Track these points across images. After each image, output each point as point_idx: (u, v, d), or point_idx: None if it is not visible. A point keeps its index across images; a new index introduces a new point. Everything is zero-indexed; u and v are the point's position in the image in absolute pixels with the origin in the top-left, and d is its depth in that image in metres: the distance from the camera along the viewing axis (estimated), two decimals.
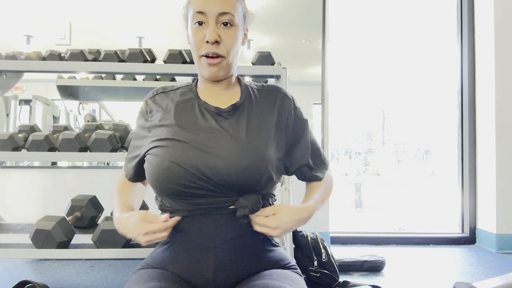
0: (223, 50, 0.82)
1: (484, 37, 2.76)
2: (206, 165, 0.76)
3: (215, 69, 0.84)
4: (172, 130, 0.83)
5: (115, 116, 3.00)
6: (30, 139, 1.60)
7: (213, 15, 0.81)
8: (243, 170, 0.77)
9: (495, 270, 2.15)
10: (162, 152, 0.80)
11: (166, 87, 0.95)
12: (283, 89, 0.94)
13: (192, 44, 0.84)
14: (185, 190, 0.77)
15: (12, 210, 2.33)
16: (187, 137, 0.81)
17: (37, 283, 1.60)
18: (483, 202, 2.74)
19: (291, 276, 0.80)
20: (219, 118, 0.85)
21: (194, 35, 0.83)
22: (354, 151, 4.37)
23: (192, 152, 0.78)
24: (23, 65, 1.73)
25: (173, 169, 0.77)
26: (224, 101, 0.88)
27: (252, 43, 2.95)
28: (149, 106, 0.92)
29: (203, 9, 0.81)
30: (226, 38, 0.82)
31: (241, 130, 0.83)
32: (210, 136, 0.81)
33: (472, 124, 2.85)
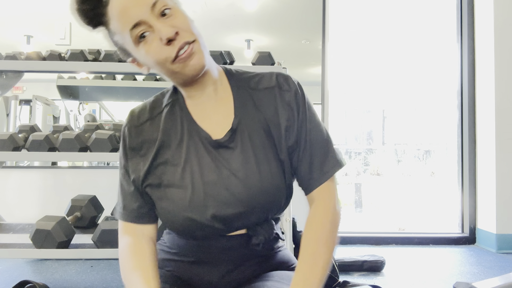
0: (186, 35, 0.66)
1: (484, 37, 2.76)
2: (218, 217, 0.71)
3: (195, 59, 0.67)
4: (171, 171, 0.73)
5: (115, 116, 3.00)
6: (30, 139, 1.60)
7: (147, 14, 0.65)
8: (257, 211, 0.73)
9: (495, 270, 2.15)
10: (168, 204, 0.72)
11: (148, 108, 0.78)
12: (280, 78, 0.77)
13: (155, 62, 0.67)
14: (197, 234, 0.75)
15: (12, 210, 2.33)
16: (192, 181, 0.71)
17: (37, 283, 1.60)
18: (483, 202, 2.74)
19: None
20: (219, 151, 0.73)
21: (150, 52, 0.66)
22: (354, 151, 4.38)
23: (202, 201, 0.71)
24: (23, 65, 1.73)
25: (186, 225, 0.73)
26: (218, 118, 0.75)
27: (252, 43, 2.95)
28: (131, 142, 0.76)
29: (134, 19, 0.64)
30: (178, 22, 0.66)
31: (246, 163, 0.72)
32: (216, 179, 0.71)
33: (472, 124, 2.85)
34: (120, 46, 0.71)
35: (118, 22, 0.66)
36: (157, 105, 0.79)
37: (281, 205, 0.76)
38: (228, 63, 1.88)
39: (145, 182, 0.74)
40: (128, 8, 0.65)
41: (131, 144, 0.76)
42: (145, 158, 0.75)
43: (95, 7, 0.67)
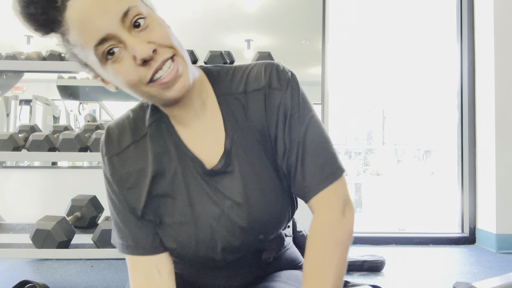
0: (165, 51, 0.55)
1: (484, 37, 2.76)
2: (229, 249, 0.67)
3: (180, 82, 0.56)
4: (170, 205, 0.66)
5: (115, 116, 3.00)
6: (30, 139, 1.60)
7: (117, 26, 0.53)
8: (267, 234, 0.69)
9: (495, 270, 2.15)
10: (173, 242, 0.67)
11: (129, 128, 0.67)
12: (272, 73, 0.65)
13: (126, 84, 0.56)
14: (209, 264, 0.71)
15: (12, 210, 2.33)
16: (194, 217, 0.65)
17: (37, 283, 1.60)
18: (483, 202, 2.74)
19: (299, 277, 0.78)
20: (217, 179, 0.65)
21: (121, 72, 0.55)
22: (354, 151, 4.38)
23: (209, 237, 0.66)
24: (23, 65, 1.74)
25: (196, 260, 0.69)
26: (210, 139, 0.66)
27: (252, 43, 2.95)
28: (114, 174, 0.66)
29: (100, 34, 0.52)
30: (155, 35, 0.55)
31: (247, 188, 0.65)
32: (219, 212, 0.65)
33: (472, 124, 2.85)
34: (80, 60, 0.58)
35: (80, 35, 0.53)
36: (139, 124, 0.67)
37: (288, 218, 0.71)
38: (228, 63, 1.88)
39: (144, 217, 0.67)
40: (92, 19, 0.52)
41: (115, 177, 0.65)
42: (136, 191, 0.65)
43: (45, 11, 0.54)
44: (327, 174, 0.64)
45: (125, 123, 0.68)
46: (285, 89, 0.65)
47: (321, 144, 0.66)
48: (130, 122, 0.68)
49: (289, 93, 0.65)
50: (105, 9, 0.52)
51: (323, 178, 0.64)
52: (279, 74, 0.65)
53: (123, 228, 0.67)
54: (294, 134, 0.64)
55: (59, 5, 0.53)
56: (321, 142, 0.66)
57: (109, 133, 0.67)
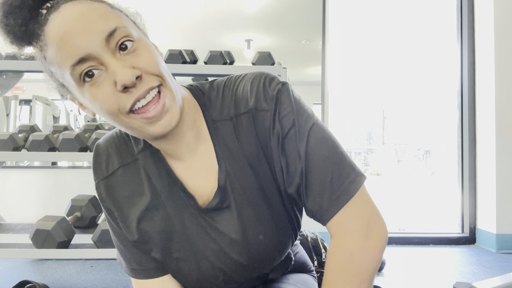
0: (151, 79, 0.50)
1: (484, 37, 2.76)
2: (231, 281, 0.64)
3: (166, 118, 0.51)
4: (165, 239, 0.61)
5: None
6: (30, 139, 1.60)
7: (100, 47, 0.47)
8: (270, 264, 0.66)
9: (495, 270, 2.15)
10: (175, 274, 0.65)
11: (115, 151, 0.62)
12: (259, 90, 0.58)
13: (104, 112, 0.50)
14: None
15: (12, 210, 2.33)
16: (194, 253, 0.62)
17: (37, 283, 1.59)
18: (483, 202, 2.74)
19: (307, 281, 0.78)
20: (213, 216, 0.61)
21: (98, 98, 0.49)
22: (354, 151, 4.38)
23: (210, 271, 0.63)
24: (23, 65, 1.73)
25: None
26: (204, 173, 0.60)
27: (252, 43, 2.95)
28: (104, 200, 0.63)
29: (78, 53, 0.47)
30: (142, 60, 0.49)
31: (245, 225, 0.60)
32: (217, 249, 0.61)
33: (472, 124, 2.85)
34: (56, 80, 0.53)
35: (57, 51, 0.48)
36: (128, 147, 0.62)
37: (292, 243, 0.67)
38: (228, 63, 1.88)
39: (140, 247, 0.63)
40: (72, 35, 0.46)
41: (105, 204, 0.63)
42: (126, 222, 0.61)
43: (25, 23, 0.49)
44: (338, 193, 0.55)
45: (114, 143, 0.62)
46: (273, 108, 0.57)
47: (327, 158, 0.56)
48: (120, 143, 0.62)
49: (279, 111, 0.57)
50: (88, 27, 0.47)
51: (334, 199, 0.55)
52: (266, 91, 0.57)
53: (125, 251, 0.64)
54: (292, 155, 0.57)
55: (41, 18, 0.49)
56: (327, 156, 0.56)
57: (97, 154, 0.63)
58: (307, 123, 0.57)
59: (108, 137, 0.64)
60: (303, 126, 0.57)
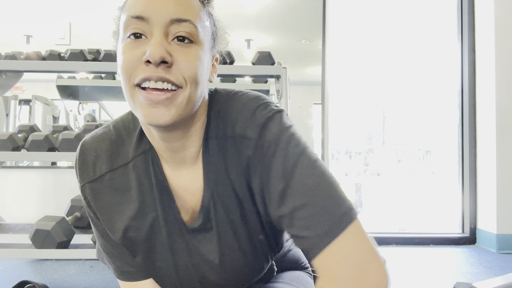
0: (177, 76, 0.48)
1: (485, 37, 2.76)
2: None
3: (163, 110, 0.49)
4: (147, 249, 0.61)
5: (115, 116, 3.00)
6: (30, 139, 1.60)
7: (161, 21, 0.48)
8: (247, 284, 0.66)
9: (495, 270, 2.14)
10: (155, 278, 0.65)
11: (106, 153, 0.59)
12: (245, 114, 0.55)
13: (120, 68, 0.50)
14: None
15: (12, 210, 2.33)
16: (174, 262, 0.62)
17: (37, 283, 1.59)
18: (483, 202, 2.74)
19: (303, 278, 0.78)
20: (196, 236, 0.60)
21: (124, 53, 0.49)
22: (354, 151, 4.38)
23: (188, 280, 0.63)
24: (23, 65, 1.73)
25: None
26: (193, 188, 0.59)
27: (252, 43, 2.95)
28: (89, 202, 0.61)
29: (143, 11, 0.48)
30: (183, 59, 0.49)
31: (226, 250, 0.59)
32: (195, 263, 0.61)
33: (473, 124, 2.84)
34: (116, 24, 0.55)
35: (135, 1, 0.50)
36: (120, 150, 0.59)
37: (269, 266, 0.66)
38: (228, 63, 1.87)
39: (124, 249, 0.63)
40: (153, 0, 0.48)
41: (90, 207, 0.61)
42: (111, 225, 0.60)
43: None
44: (326, 228, 0.48)
45: (104, 144, 0.59)
46: (257, 137, 0.53)
47: (315, 187, 0.50)
48: (111, 144, 0.59)
49: (264, 138, 0.53)
50: (171, 3, 0.49)
51: (321, 234, 0.48)
52: (254, 119, 0.54)
53: (115, 253, 0.63)
54: (276, 183, 0.51)
55: None
56: (316, 186, 0.50)
57: (84, 155, 0.59)
58: (296, 149, 0.52)
59: (98, 136, 0.60)
60: (291, 153, 0.52)
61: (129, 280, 0.64)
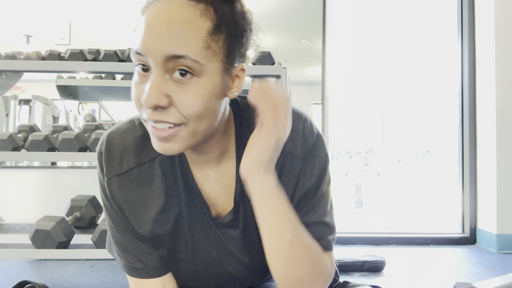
0: (175, 116, 0.48)
1: (485, 37, 2.76)
2: (219, 285, 0.68)
3: (167, 144, 0.50)
4: (170, 241, 0.63)
5: (115, 116, 3.00)
6: (30, 139, 1.60)
7: (157, 59, 0.47)
8: (253, 282, 0.72)
9: (495, 271, 2.14)
10: (175, 273, 0.67)
11: (134, 147, 0.59)
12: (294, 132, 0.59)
13: (131, 93, 0.51)
14: None
15: (12, 210, 2.33)
16: (194, 256, 0.64)
17: (37, 283, 1.59)
18: (483, 202, 2.73)
19: None
20: (222, 229, 0.63)
21: (134, 86, 0.50)
22: (354, 151, 4.37)
23: (205, 275, 0.66)
24: (23, 65, 1.73)
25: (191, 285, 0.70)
26: (221, 186, 0.61)
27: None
28: (114, 196, 0.60)
29: (141, 48, 0.47)
30: (182, 99, 0.47)
31: (249, 247, 0.63)
32: (215, 257, 0.64)
33: (473, 124, 2.84)
34: None
35: (139, 30, 0.48)
36: (145, 144, 0.59)
37: None
38: None
39: (145, 241, 0.64)
40: (148, 32, 0.47)
41: (115, 200, 0.60)
42: (136, 219, 0.61)
43: None
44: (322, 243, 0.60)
45: (130, 139, 0.59)
46: (307, 159, 0.60)
47: (323, 214, 0.62)
48: (137, 139, 0.59)
49: (311, 164, 0.60)
50: (163, 35, 0.46)
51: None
52: (305, 138, 0.60)
53: (128, 247, 0.63)
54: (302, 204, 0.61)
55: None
56: (323, 213, 0.62)
57: (110, 148, 0.59)
58: (323, 185, 0.62)
59: (125, 130, 0.61)
60: (320, 187, 0.62)
61: (138, 277, 0.64)
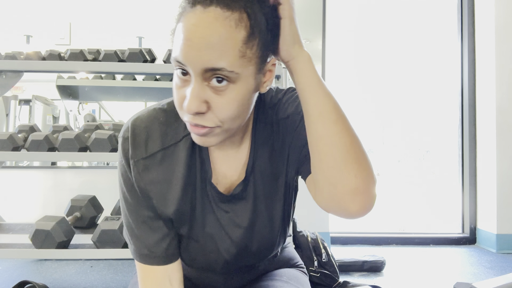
0: (212, 121, 0.53)
1: (485, 37, 2.76)
2: (227, 263, 0.72)
3: (205, 139, 0.55)
4: (182, 219, 0.67)
5: (115, 116, 3.00)
6: (30, 139, 1.60)
7: (196, 70, 0.50)
8: (263, 257, 0.74)
9: (495, 270, 2.14)
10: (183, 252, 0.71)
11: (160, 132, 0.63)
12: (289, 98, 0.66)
13: (173, 95, 0.56)
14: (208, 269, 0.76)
15: (12, 210, 2.33)
16: (202, 235, 0.68)
17: (37, 283, 1.59)
18: (483, 202, 2.74)
19: (300, 278, 0.79)
20: (231, 203, 0.67)
21: (175, 88, 0.54)
22: None
23: (213, 253, 0.70)
24: (23, 65, 1.73)
25: (199, 266, 0.74)
26: (237, 163, 0.66)
27: None
28: (139, 179, 0.63)
29: (181, 58, 0.50)
30: (218, 105, 0.52)
31: (257, 219, 0.68)
32: (222, 233, 0.68)
33: (473, 124, 2.84)
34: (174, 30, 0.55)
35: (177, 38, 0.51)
36: (168, 130, 0.63)
37: (279, 248, 0.76)
38: None
39: (159, 224, 0.67)
40: (187, 44, 0.49)
41: (139, 182, 0.63)
42: (159, 201, 0.64)
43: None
44: None
45: (154, 125, 0.63)
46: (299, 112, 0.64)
47: None
48: (161, 125, 0.63)
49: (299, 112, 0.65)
50: (201, 48, 0.48)
51: None
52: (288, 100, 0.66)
53: (138, 234, 0.66)
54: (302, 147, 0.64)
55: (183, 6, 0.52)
56: None
57: (135, 134, 0.62)
58: None
59: (148, 117, 0.64)
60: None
61: (145, 263, 0.66)
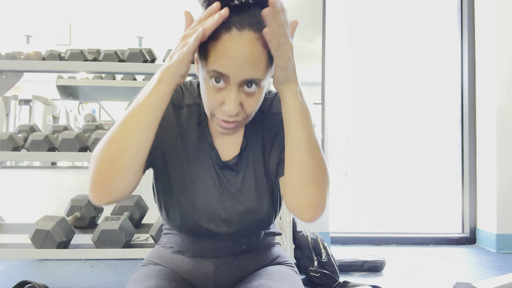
0: (241, 116, 0.66)
1: (485, 37, 2.76)
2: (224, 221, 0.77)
3: (231, 131, 0.69)
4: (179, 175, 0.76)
5: (115, 116, 3.00)
6: (30, 139, 1.60)
7: (237, 81, 0.62)
8: (250, 232, 0.81)
9: (495, 270, 2.15)
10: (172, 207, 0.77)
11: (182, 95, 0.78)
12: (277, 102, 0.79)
13: (204, 96, 0.67)
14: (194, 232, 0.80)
15: (12, 210, 2.33)
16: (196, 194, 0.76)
17: (37, 283, 1.59)
18: (483, 202, 2.74)
19: (292, 276, 0.80)
20: (224, 172, 0.77)
21: (208, 93, 0.65)
22: (354, 151, 4.37)
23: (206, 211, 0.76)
24: (23, 65, 1.73)
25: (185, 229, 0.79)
26: (229, 141, 0.78)
27: None
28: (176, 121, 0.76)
29: (225, 71, 0.60)
30: (249, 104, 0.65)
31: (246, 190, 0.77)
32: (216, 194, 0.76)
33: (473, 124, 2.84)
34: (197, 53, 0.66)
35: (215, 56, 0.60)
36: (191, 94, 0.79)
37: (272, 222, 0.83)
38: None
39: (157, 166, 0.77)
40: (229, 62, 0.60)
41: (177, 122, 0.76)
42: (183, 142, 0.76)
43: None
44: None
45: (185, 86, 0.80)
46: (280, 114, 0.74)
47: None
48: (189, 88, 0.80)
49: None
50: (243, 66, 0.60)
51: None
52: (271, 100, 0.80)
53: None
54: (281, 145, 0.75)
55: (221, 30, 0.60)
56: None
57: (177, 89, 0.78)
58: None
59: (183, 82, 0.79)
60: None
61: None
